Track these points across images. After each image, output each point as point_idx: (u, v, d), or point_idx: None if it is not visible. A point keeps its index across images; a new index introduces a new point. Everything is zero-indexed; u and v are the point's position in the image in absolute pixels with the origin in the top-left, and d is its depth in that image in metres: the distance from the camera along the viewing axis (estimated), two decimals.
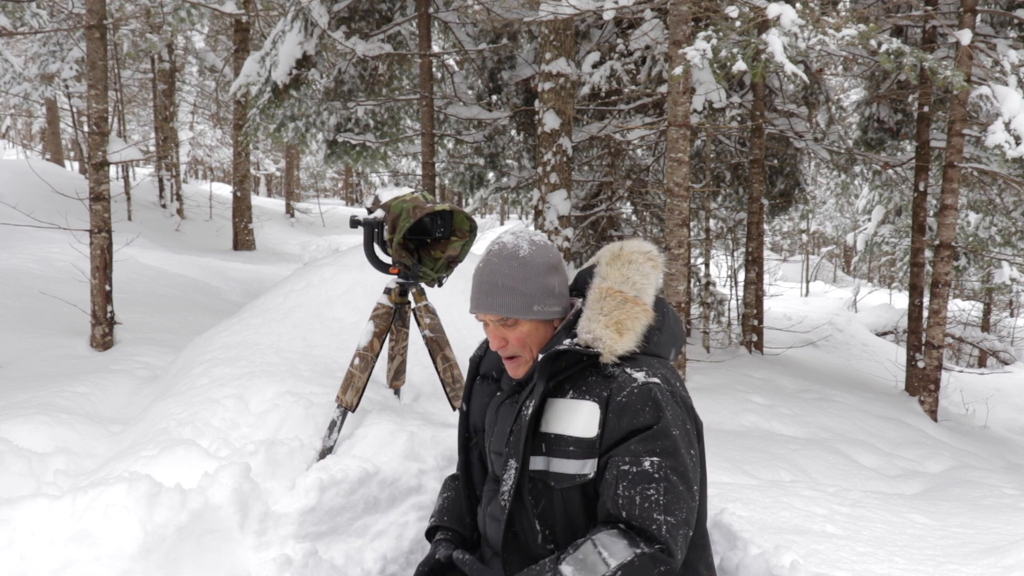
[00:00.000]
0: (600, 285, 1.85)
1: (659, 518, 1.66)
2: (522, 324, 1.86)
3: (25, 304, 5.93)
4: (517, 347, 1.88)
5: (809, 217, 20.37)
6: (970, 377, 11.66)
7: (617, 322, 1.78)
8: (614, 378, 1.77)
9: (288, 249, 15.37)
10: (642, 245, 1.91)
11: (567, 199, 7.11)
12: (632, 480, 1.69)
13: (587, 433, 1.75)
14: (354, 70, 8.77)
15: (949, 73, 4.94)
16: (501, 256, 1.87)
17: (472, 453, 2.11)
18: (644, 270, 1.86)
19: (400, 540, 2.57)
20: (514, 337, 1.87)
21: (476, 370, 2.13)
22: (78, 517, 2.12)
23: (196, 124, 22.05)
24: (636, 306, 1.81)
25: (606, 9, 5.67)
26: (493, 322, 1.88)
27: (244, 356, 3.60)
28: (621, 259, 1.87)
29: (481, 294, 1.87)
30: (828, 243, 26.97)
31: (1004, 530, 2.96)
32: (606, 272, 1.86)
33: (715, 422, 5.62)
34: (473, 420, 2.11)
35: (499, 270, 1.85)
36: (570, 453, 1.76)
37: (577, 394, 1.79)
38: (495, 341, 1.89)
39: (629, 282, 1.84)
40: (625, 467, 1.70)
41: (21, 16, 9.53)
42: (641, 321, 1.81)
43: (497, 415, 1.98)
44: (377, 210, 2.82)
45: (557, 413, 1.80)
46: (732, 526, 2.49)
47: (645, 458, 1.70)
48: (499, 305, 1.84)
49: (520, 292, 1.84)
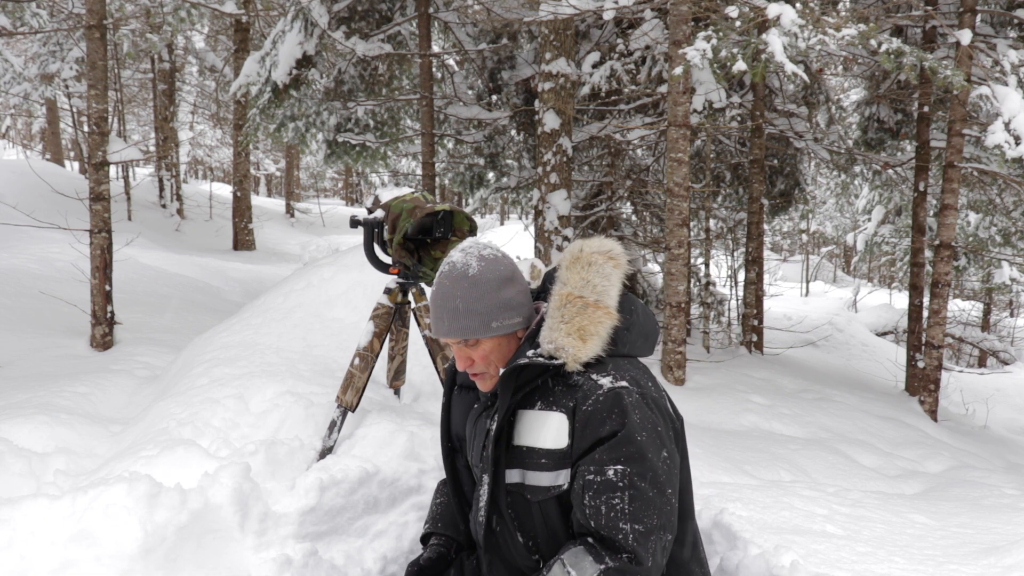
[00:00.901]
0: (560, 291, 1.80)
1: (624, 527, 1.66)
2: (483, 343, 1.83)
3: (25, 304, 5.93)
4: (482, 365, 1.86)
5: (809, 217, 20.37)
6: (970, 377, 11.66)
7: (579, 328, 1.75)
8: (579, 387, 1.74)
9: (288, 249, 15.38)
10: (603, 244, 1.86)
11: (567, 199, 7.11)
12: (597, 490, 1.68)
13: (558, 444, 1.74)
14: (354, 70, 8.77)
15: (949, 73, 4.95)
16: (452, 278, 1.82)
17: (458, 461, 2.10)
18: (605, 271, 1.81)
19: (400, 540, 2.57)
20: (478, 356, 1.84)
21: (453, 380, 2.11)
22: (78, 517, 2.12)
23: (196, 124, 22.05)
24: (598, 310, 1.77)
25: (606, 9, 5.67)
26: (455, 344, 1.86)
27: (244, 356, 3.60)
28: (581, 262, 1.82)
29: (438, 319, 1.84)
30: (828, 243, 26.97)
31: (1004, 530, 2.96)
32: (566, 277, 1.82)
33: (715, 422, 5.62)
34: (455, 430, 2.10)
35: (451, 293, 1.81)
36: (543, 465, 1.75)
37: (545, 405, 1.77)
38: (460, 362, 1.87)
39: (589, 286, 1.79)
40: (590, 477, 1.69)
41: (21, 16, 9.53)
42: (604, 325, 1.77)
43: (475, 428, 1.97)
44: (377, 210, 2.82)
45: (527, 425, 1.78)
46: (732, 526, 2.49)
47: (609, 467, 1.68)
48: (456, 329, 1.81)
49: (475, 312, 1.79)
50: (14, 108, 21.23)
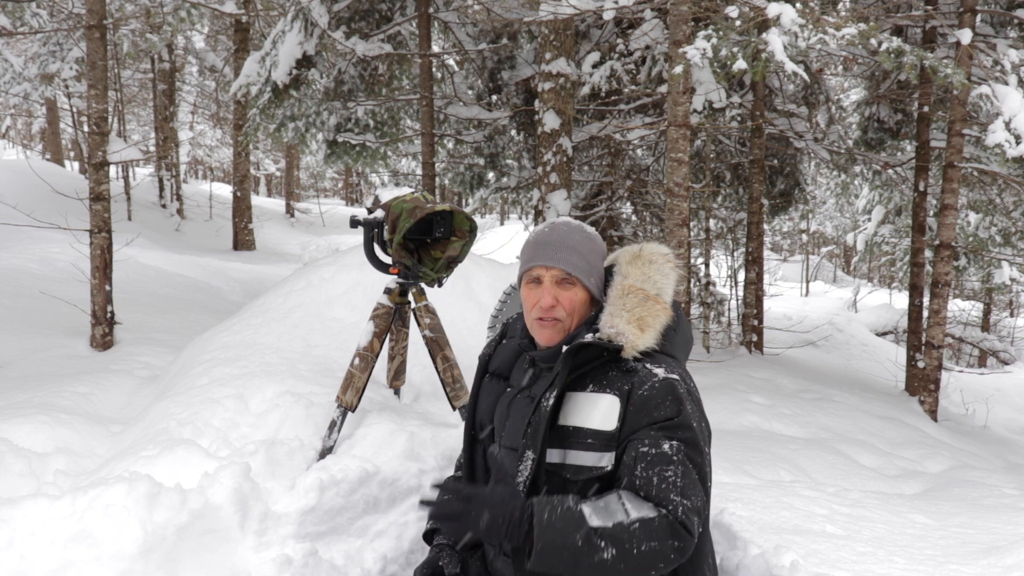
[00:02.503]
0: (622, 283, 1.88)
1: (676, 499, 1.67)
2: (578, 289, 1.89)
3: (25, 304, 5.93)
4: (565, 311, 1.89)
5: (809, 217, 20.38)
6: (970, 377, 11.65)
7: (639, 318, 1.81)
8: (635, 372, 1.79)
9: (288, 249, 15.37)
10: (660, 247, 1.95)
11: (567, 199, 7.11)
12: (650, 461, 1.70)
13: (606, 426, 1.77)
14: (354, 70, 8.77)
15: (950, 71, 4.94)
16: (569, 226, 1.93)
17: (477, 451, 2.11)
18: (664, 270, 1.90)
19: (400, 540, 2.57)
20: (566, 299, 1.88)
21: (485, 368, 2.13)
22: (78, 517, 2.12)
23: (196, 124, 22.06)
24: (657, 304, 1.84)
25: (606, 9, 5.67)
26: (552, 279, 1.89)
27: (244, 356, 3.60)
28: (642, 259, 1.91)
29: (549, 248, 1.89)
30: (828, 243, 26.98)
31: (1004, 530, 2.96)
32: (627, 271, 1.90)
33: (715, 422, 5.59)
34: (480, 417, 2.10)
35: (568, 234, 1.90)
36: (588, 445, 1.77)
37: (597, 388, 1.80)
38: (547, 298, 1.88)
39: (650, 281, 1.87)
40: (644, 449, 1.72)
41: (21, 16, 9.53)
42: (661, 319, 1.84)
43: (509, 410, 1.97)
44: (377, 210, 2.82)
45: (576, 406, 1.81)
46: (732, 526, 2.49)
47: (664, 441, 1.71)
48: (567, 261, 1.87)
49: (586, 258, 1.89)
50: (14, 108, 21.23)
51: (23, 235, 7.89)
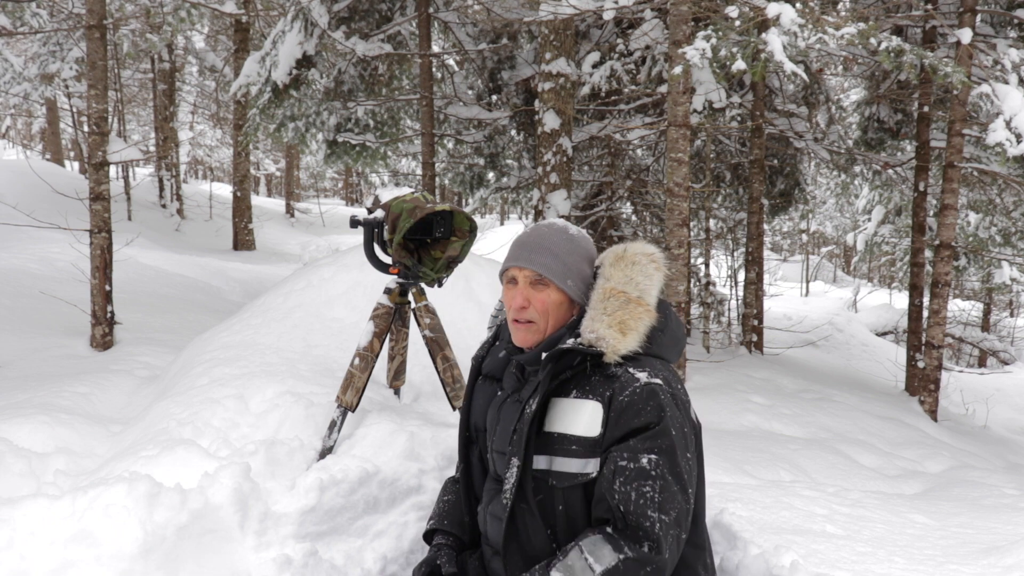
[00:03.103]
0: (604, 286, 1.86)
1: (653, 515, 1.68)
2: (552, 291, 1.88)
3: (25, 304, 5.93)
4: (538, 312, 1.89)
5: (809, 217, 20.38)
6: (970, 377, 11.65)
7: (620, 322, 1.80)
8: (617, 378, 1.78)
9: (288, 249, 15.37)
10: (645, 247, 1.93)
11: (567, 199, 7.11)
12: (628, 476, 1.70)
13: (590, 432, 1.77)
14: (354, 70, 8.77)
15: (950, 70, 4.94)
16: (551, 227, 1.95)
17: (473, 453, 2.12)
18: (647, 271, 1.88)
19: (400, 540, 2.57)
20: (539, 300, 1.88)
21: (478, 370, 2.14)
22: (78, 517, 2.12)
23: (196, 124, 22.05)
24: (639, 306, 1.82)
25: (606, 9, 5.67)
26: (525, 280, 1.90)
27: (244, 356, 3.60)
28: (625, 260, 1.89)
29: (524, 249, 1.91)
30: (828, 243, 26.97)
31: (1004, 530, 2.96)
32: (609, 273, 1.88)
33: (715, 422, 5.62)
34: (474, 420, 2.11)
35: (548, 236, 1.92)
36: (573, 452, 1.78)
37: (580, 393, 1.80)
38: (518, 299, 1.89)
39: (632, 283, 1.85)
40: (623, 463, 1.72)
41: (21, 16, 9.53)
42: (644, 321, 1.82)
43: (499, 414, 1.98)
44: (377, 210, 2.81)
45: (560, 412, 1.81)
46: (732, 526, 2.49)
47: (643, 455, 1.71)
48: (540, 263, 1.88)
49: (562, 260, 1.89)
50: (14, 108, 21.22)
51: (23, 235, 7.89)
